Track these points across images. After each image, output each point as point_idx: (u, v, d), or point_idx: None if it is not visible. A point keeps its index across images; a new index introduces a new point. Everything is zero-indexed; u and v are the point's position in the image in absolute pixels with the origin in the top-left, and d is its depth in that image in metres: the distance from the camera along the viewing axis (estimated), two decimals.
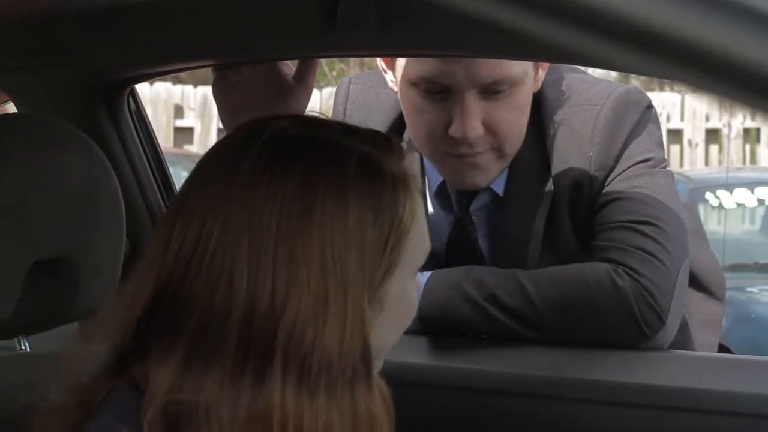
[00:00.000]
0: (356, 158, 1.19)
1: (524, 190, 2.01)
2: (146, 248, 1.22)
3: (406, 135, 2.07)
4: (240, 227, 1.13)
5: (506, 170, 2.03)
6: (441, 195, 2.10)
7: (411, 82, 1.94)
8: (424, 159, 2.07)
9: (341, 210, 1.15)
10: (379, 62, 2.06)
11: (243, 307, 1.11)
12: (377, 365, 1.24)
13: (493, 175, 2.00)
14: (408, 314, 1.27)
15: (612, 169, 1.98)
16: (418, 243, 1.23)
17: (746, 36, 0.73)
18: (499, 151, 1.95)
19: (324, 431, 1.11)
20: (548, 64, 2.00)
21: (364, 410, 1.14)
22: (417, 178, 1.28)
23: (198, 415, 1.10)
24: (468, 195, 2.07)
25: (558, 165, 1.99)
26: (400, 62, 1.96)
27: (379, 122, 2.12)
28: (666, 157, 2.06)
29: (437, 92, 1.91)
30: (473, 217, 2.08)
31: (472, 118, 1.89)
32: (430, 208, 2.11)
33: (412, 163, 1.27)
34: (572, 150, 1.99)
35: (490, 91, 1.90)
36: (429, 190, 2.11)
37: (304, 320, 1.11)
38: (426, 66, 1.89)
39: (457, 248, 2.07)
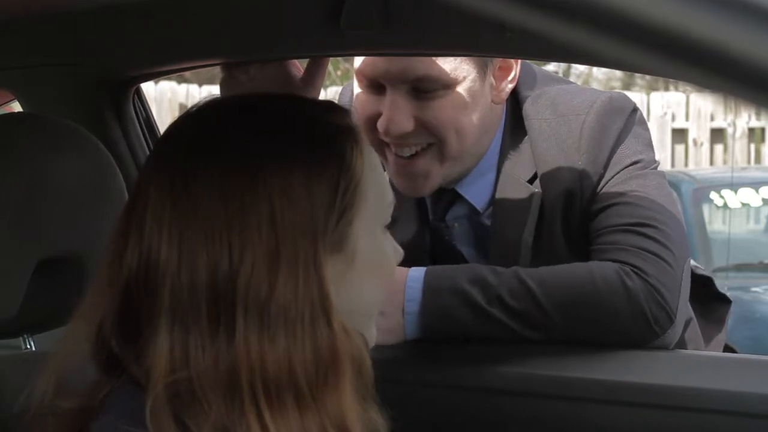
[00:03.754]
0: (298, 116, 1.27)
1: (512, 204, 2.02)
2: (106, 249, 1.25)
3: None
4: (188, 201, 1.18)
5: (492, 184, 2.05)
6: (417, 201, 2.11)
7: (357, 78, 2.00)
8: None
9: (285, 163, 1.20)
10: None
11: (206, 274, 1.16)
12: (371, 333, 1.30)
13: (435, 182, 2.02)
14: (384, 269, 1.32)
15: (602, 176, 1.99)
16: (378, 192, 1.29)
17: (752, 33, 0.73)
18: (439, 151, 1.97)
19: (288, 371, 1.16)
20: (516, 77, 2.02)
21: (325, 350, 1.18)
22: (363, 132, 1.33)
23: (195, 388, 1.15)
24: (443, 204, 2.11)
25: (547, 177, 2.00)
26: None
27: None
28: (656, 157, 2.07)
29: (373, 87, 1.96)
30: (455, 224, 2.10)
31: (398, 113, 1.93)
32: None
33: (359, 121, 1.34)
34: (560, 161, 1.99)
35: (421, 89, 1.93)
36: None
37: (258, 272, 1.16)
38: (362, 64, 1.95)
39: (440, 256, 2.09)
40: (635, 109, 2.05)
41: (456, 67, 1.93)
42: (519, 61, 2.02)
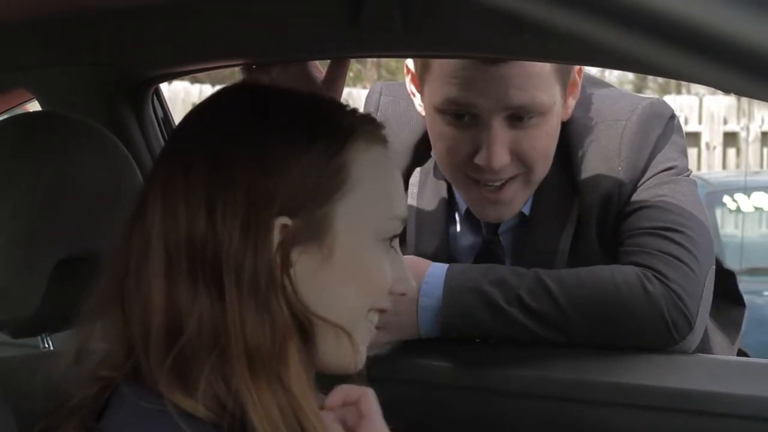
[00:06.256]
0: (296, 102, 1.32)
1: (550, 210, 2.02)
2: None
3: (434, 153, 2.07)
4: (177, 177, 1.25)
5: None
6: (469, 217, 2.09)
7: (437, 109, 1.94)
8: None
9: (267, 138, 1.25)
10: (409, 86, 2.05)
11: (185, 234, 1.22)
12: (355, 349, 1.30)
13: (518, 207, 2.01)
14: (366, 278, 1.30)
15: (638, 181, 1.98)
16: (378, 198, 1.30)
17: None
18: (525, 179, 1.95)
19: (241, 325, 1.20)
20: (579, 91, 2.00)
21: (278, 324, 1.22)
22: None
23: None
24: None
25: (587, 183, 1.99)
26: (427, 87, 1.96)
27: (407, 137, 2.12)
28: (689, 165, 2.06)
29: (462, 117, 1.91)
30: (500, 239, 2.08)
31: (499, 147, 1.89)
32: (458, 229, 2.12)
33: (387, 132, 1.36)
34: (600, 167, 1.99)
35: (517, 118, 1.89)
36: (458, 212, 2.11)
37: (229, 237, 1.22)
38: (452, 92, 1.89)
39: None
40: (673, 116, 2.06)
41: (552, 93, 1.90)
42: (582, 74, 2.01)
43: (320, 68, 1.89)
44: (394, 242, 1.33)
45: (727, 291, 2.23)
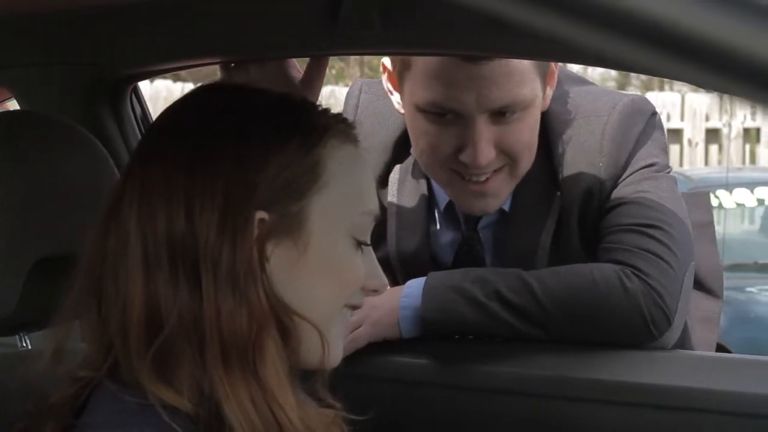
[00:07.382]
0: (270, 99, 1.34)
1: (531, 205, 2.02)
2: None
3: (414, 150, 2.07)
4: (155, 174, 1.25)
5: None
6: (448, 214, 2.09)
7: (418, 108, 1.94)
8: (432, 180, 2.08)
9: (244, 135, 1.26)
10: (385, 83, 2.05)
11: (165, 231, 1.22)
12: (333, 345, 1.30)
13: (503, 200, 2.00)
14: (340, 274, 1.31)
15: (619, 178, 1.98)
16: (349, 194, 1.31)
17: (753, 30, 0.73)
18: (510, 170, 1.96)
19: (217, 316, 1.20)
20: (555, 81, 2.00)
21: (256, 316, 1.22)
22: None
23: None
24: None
25: (568, 178, 2.00)
26: (407, 86, 1.95)
27: (388, 134, 2.12)
28: (670, 162, 2.07)
29: (444, 115, 1.91)
30: (480, 235, 2.08)
31: (485, 144, 1.89)
32: (437, 226, 2.12)
33: (358, 132, 1.37)
34: (581, 162, 1.99)
35: (501, 114, 1.89)
36: (437, 209, 2.11)
37: (209, 231, 1.22)
38: (434, 92, 1.89)
39: (463, 266, 2.07)
40: (654, 113, 2.06)
41: (533, 87, 1.90)
42: (558, 65, 2.01)
43: (299, 68, 1.89)
44: (366, 238, 1.34)
45: (704, 284, 2.24)
